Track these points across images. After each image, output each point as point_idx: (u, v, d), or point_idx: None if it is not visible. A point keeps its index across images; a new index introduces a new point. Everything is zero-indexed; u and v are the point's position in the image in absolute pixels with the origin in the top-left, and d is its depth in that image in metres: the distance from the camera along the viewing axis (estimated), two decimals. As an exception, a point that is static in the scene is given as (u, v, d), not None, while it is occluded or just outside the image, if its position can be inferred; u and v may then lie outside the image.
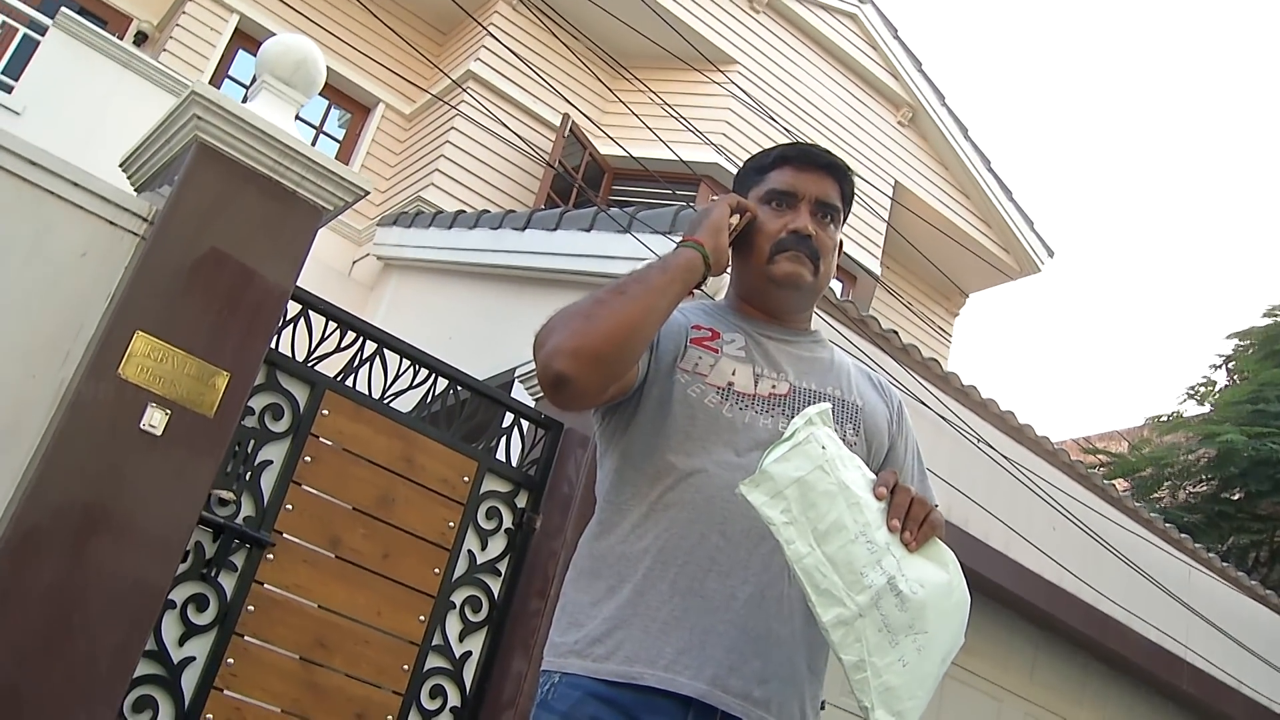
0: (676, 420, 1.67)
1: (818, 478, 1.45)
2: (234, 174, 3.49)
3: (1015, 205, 11.17)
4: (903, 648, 1.41)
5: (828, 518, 1.43)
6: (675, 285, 1.63)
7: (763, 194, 1.82)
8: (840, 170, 1.86)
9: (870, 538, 1.44)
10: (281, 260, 3.59)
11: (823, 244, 1.80)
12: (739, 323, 1.82)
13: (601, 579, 1.64)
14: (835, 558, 1.42)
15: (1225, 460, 10.04)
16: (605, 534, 1.68)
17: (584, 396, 1.59)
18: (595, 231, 5.68)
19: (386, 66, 8.85)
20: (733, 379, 1.71)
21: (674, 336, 1.73)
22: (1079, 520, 6.28)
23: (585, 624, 1.61)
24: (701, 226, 1.72)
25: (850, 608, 1.40)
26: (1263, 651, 7.07)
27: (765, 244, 1.78)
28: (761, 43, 9.97)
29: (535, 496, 4.38)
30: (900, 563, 1.44)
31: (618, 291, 1.59)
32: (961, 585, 1.50)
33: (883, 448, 1.81)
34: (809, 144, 1.90)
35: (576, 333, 1.54)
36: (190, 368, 3.32)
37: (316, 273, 6.56)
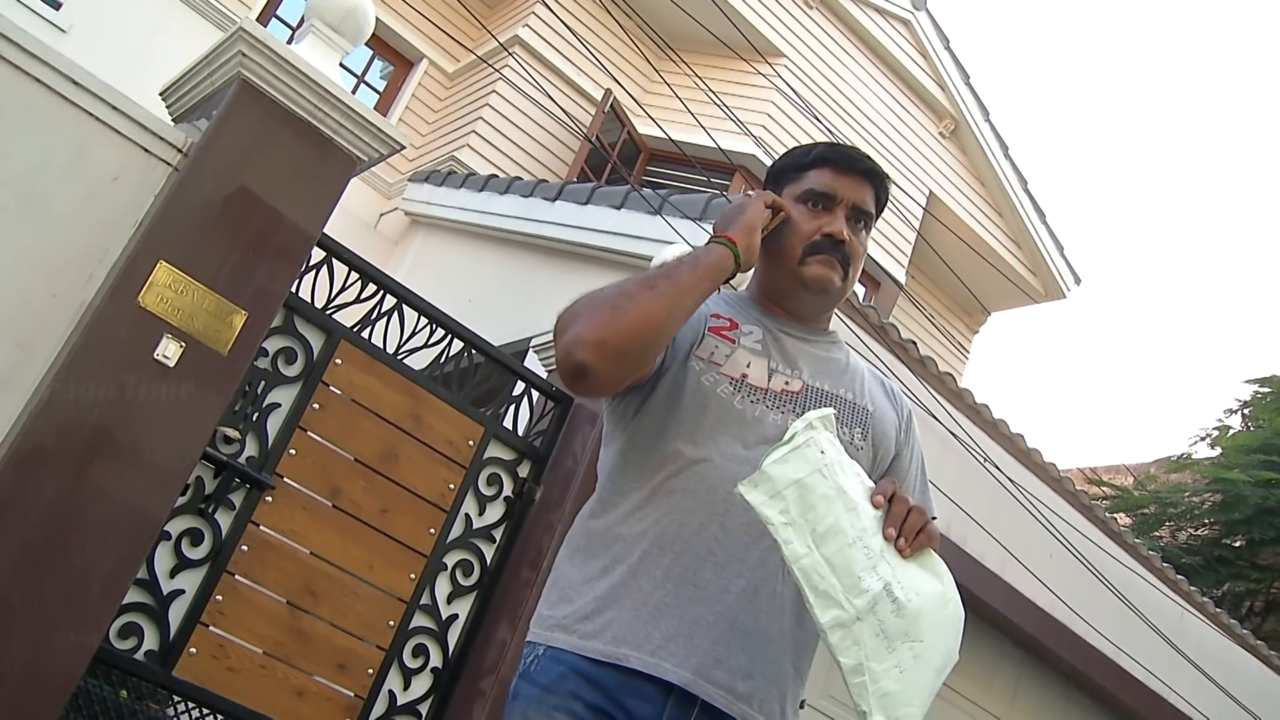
0: (687, 407, 1.67)
1: (816, 481, 1.46)
2: (272, 115, 3.48)
3: (1048, 228, 11.10)
4: (899, 654, 1.42)
5: (826, 520, 1.44)
6: (704, 284, 1.63)
7: (800, 193, 1.81)
8: (879, 177, 1.85)
9: (867, 544, 1.45)
10: (310, 206, 3.58)
11: (855, 250, 1.79)
12: (759, 316, 1.81)
13: (596, 557, 1.64)
14: (833, 560, 1.43)
15: (1230, 506, 10.01)
16: (604, 513, 1.68)
17: (602, 388, 1.60)
18: (626, 210, 5.67)
19: (434, 23, 8.82)
20: (747, 371, 1.71)
21: (693, 324, 1.73)
22: (1077, 550, 6.26)
23: (575, 600, 1.61)
24: (736, 223, 1.71)
25: (849, 610, 1.41)
26: (1248, 702, 7.04)
27: (798, 244, 1.78)
28: (811, 39, 9.91)
29: (538, 467, 4.39)
30: (896, 570, 1.45)
31: (646, 286, 1.59)
32: (956, 598, 1.51)
33: (889, 455, 1.81)
34: (850, 147, 1.89)
35: (602, 324, 1.54)
36: (209, 303, 3.33)
37: (343, 222, 6.56)
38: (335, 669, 3.85)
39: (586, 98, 8.95)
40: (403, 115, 9.04)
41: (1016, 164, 11.02)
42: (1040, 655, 6.38)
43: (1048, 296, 11.29)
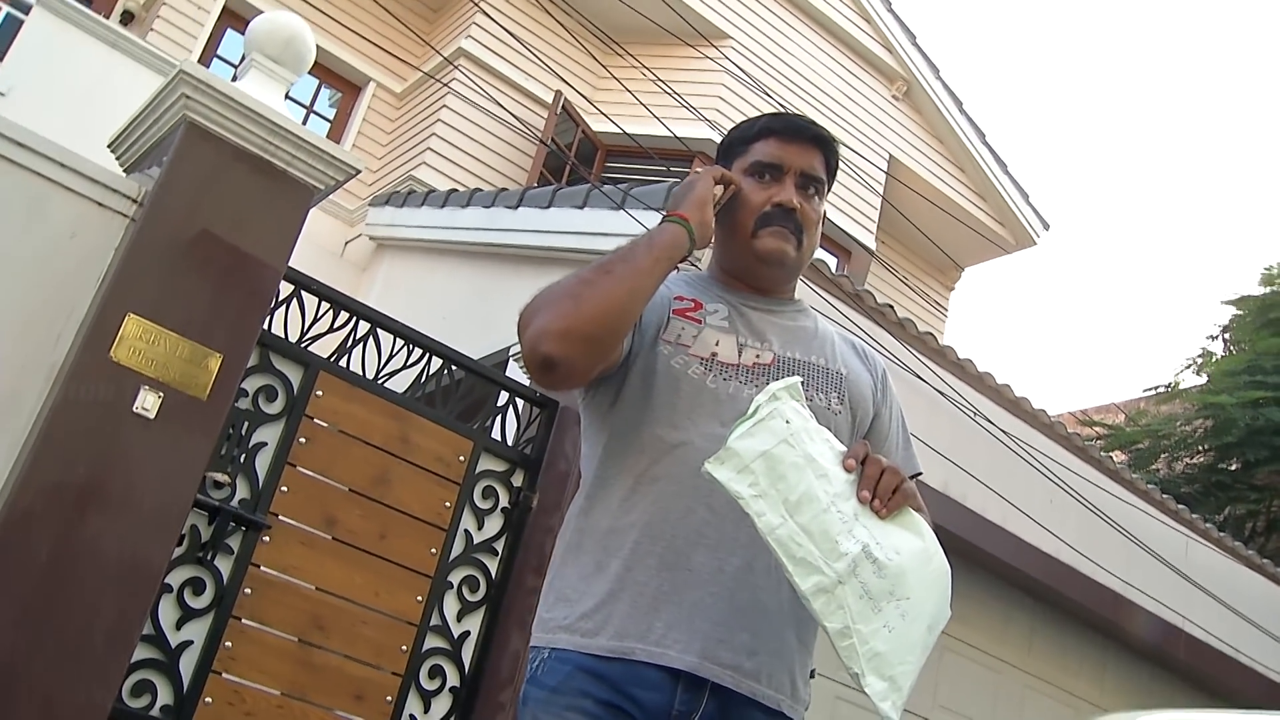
0: (660, 393, 1.67)
1: (783, 451, 1.45)
2: (223, 153, 3.47)
3: (1010, 178, 11.14)
4: (886, 614, 1.42)
5: (798, 489, 1.44)
6: (661, 264, 1.62)
7: (747, 165, 1.81)
8: (825, 142, 1.84)
9: (840, 508, 1.45)
10: (273, 240, 3.57)
11: (807, 217, 1.79)
12: (722, 293, 1.81)
13: (589, 554, 1.63)
14: (809, 527, 1.43)
15: (1222, 430, 10.07)
16: (592, 509, 1.67)
17: (572, 377, 1.60)
18: (589, 209, 5.66)
19: (377, 44, 8.79)
20: (716, 349, 1.71)
21: (656, 308, 1.72)
22: (1076, 493, 6.30)
23: (574, 600, 1.61)
24: (686, 201, 1.70)
25: (829, 575, 1.41)
26: (1260, 620, 7.10)
27: (749, 218, 1.77)
28: (755, 17, 9.92)
29: (531, 475, 4.38)
30: (873, 532, 1.46)
31: (604, 271, 1.58)
32: (939, 553, 1.52)
33: (868, 415, 1.81)
34: (795, 115, 1.89)
35: (564, 314, 1.54)
36: (182, 350, 3.31)
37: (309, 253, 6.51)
38: (353, 700, 3.83)
39: (538, 101, 8.93)
40: (356, 140, 9.02)
41: (973, 118, 11.05)
42: (1051, 601, 6.40)
43: (1018, 245, 11.33)
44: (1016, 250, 11.37)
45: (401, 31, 8.68)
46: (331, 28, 8.44)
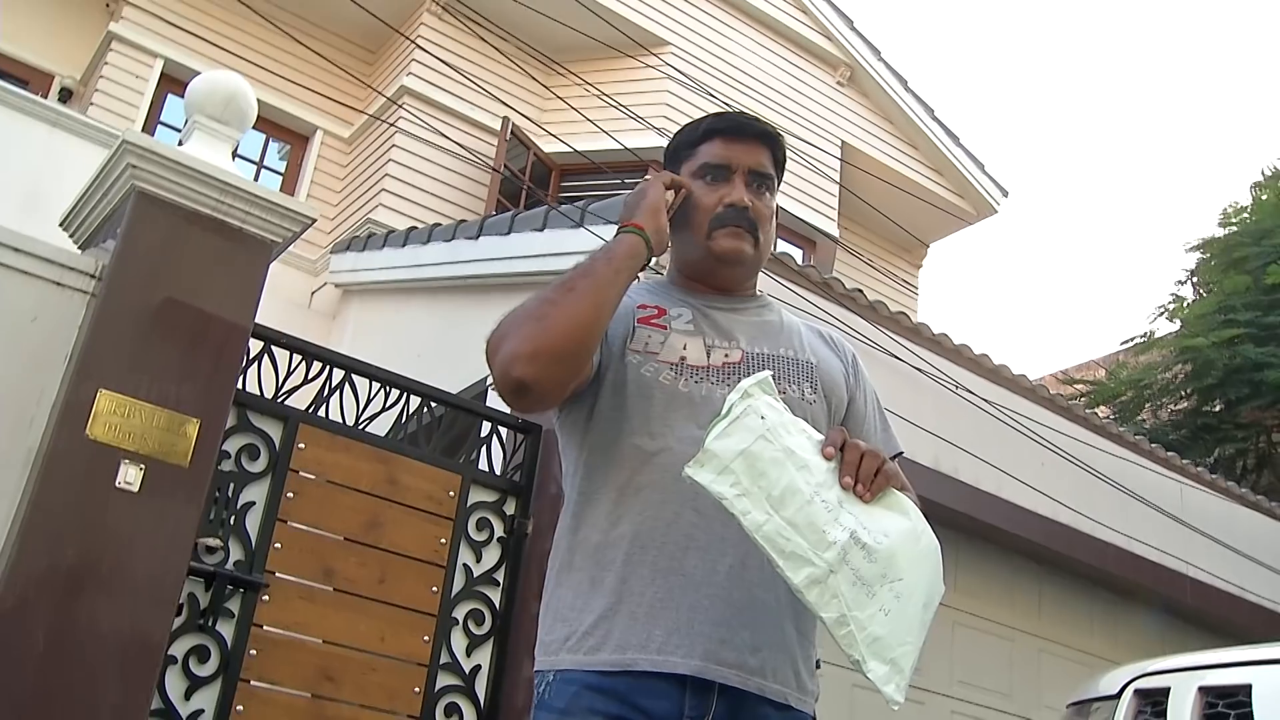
0: (634, 402, 1.67)
1: (762, 447, 1.45)
2: (177, 218, 3.46)
3: (964, 150, 11.21)
4: (881, 597, 1.42)
5: (780, 483, 1.44)
6: (622, 275, 1.62)
7: (695, 168, 1.81)
8: (771, 137, 1.85)
9: (824, 497, 1.45)
10: (237, 299, 3.56)
11: (760, 214, 1.79)
12: (684, 297, 1.81)
13: (582, 571, 1.63)
14: (795, 520, 1.43)
15: (1201, 373, 10.14)
16: (579, 526, 1.67)
17: (546, 398, 1.60)
18: (549, 230, 5.67)
19: (319, 93, 8.79)
20: (684, 353, 1.71)
21: (621, 319, 1.72)
22: (1066, 453, 6.34)
23: (572, 619, 1.61)
24: (639, 209, 1.70)
25: (820, 565, 1.41)
26: (1261, 556, 7.15)
27: (703, 219, 1.77)
28: (691, 20, 9.96)
29: (523, 501, 4.37)
30: (859, 517, 1.45)
31: (566, 289, 1.58)
32: (927, 530, 1.52)
33: (843, 402, 1.81)
34: (737, 113, 1.90)
35: (531, 335, 1.54)
36: (159, 419, 3.29)
37: (276, 308, 6.50)
38: (372, 748, 3.81)
39: (486, 130, 8.94)
40: (310, 189, 9.00)
41: (919, 95, 11.12)
42: (1055, 562, 6.43)
43: (980, 215, 11.40)
44: (979, 220, 11.44)
45: (342, 76, 8.68)
46: (271, 81, 8.43)
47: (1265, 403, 9.86)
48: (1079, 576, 6.59)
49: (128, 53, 8.50)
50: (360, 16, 7.88)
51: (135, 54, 8.53)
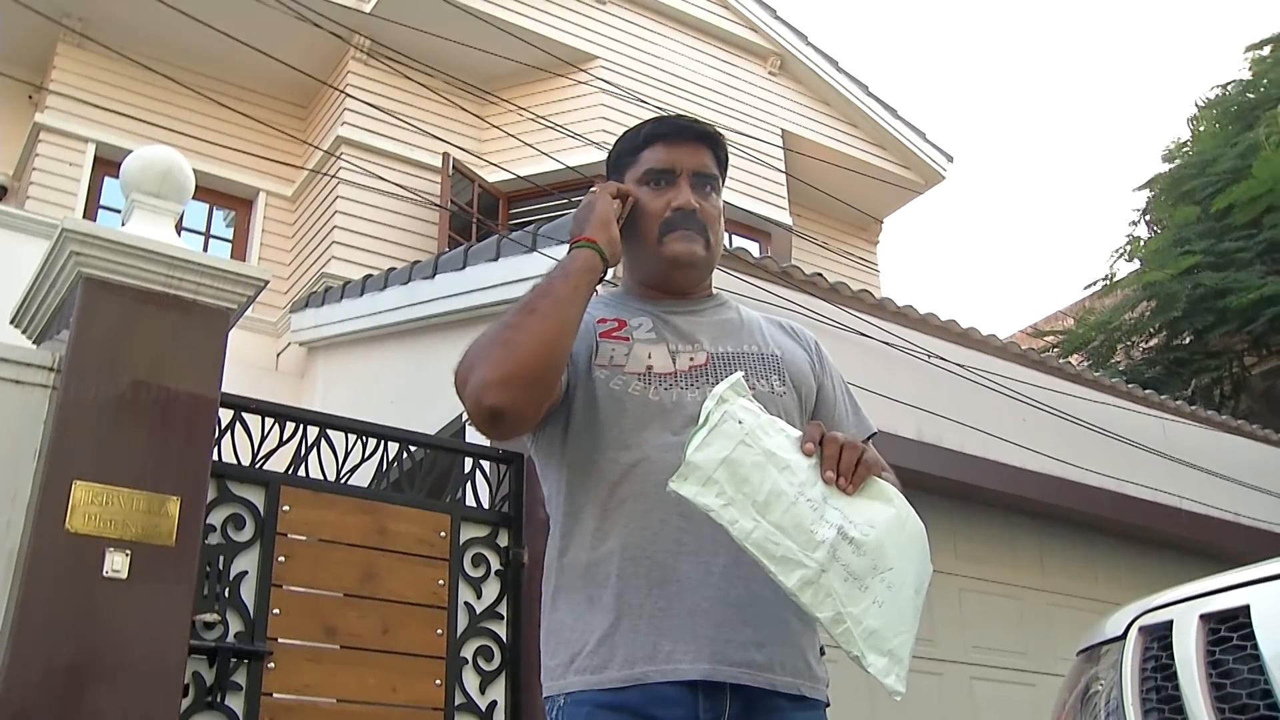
0: (607, 417, 1.67)
1: (742, 453, 1.46)
2: (129, 299, 3.44)
3: (904, 122, 11.28)
4: (873, 590, 1.43)
5: (764, 488, 1.45)
6: (581, 290, 1.63)
7: (639, 175, 1.82)
8: (711, 137, 1.85)
9: (809, 496, 1.46)
10: (200, 371, 3.54)
11: (708, 214, 1.80)
12: (642, 306, 1.82)
13: (578, 593, 1.63)
14: (782, 523, 1.43)
15: (1166, 307, 10.24)
16: (568, 548, 1.67)
17: (521, 423, 1.60)
18: (503, 259, 5.67)
19: (256, 155, 8.75)
20: (650, 362, 1.72)
21: (583, 336, 1.72)
22: (1046, 406, 6.38)
23: (574, 640, 1.60)
24: (589, 222, 1.71)
25: (811, 566, 1.42)
26: (1249, 479, 7.22)
27: (652, 226, 1.78)
28: (616, 32, 9.99)
29: (515, 531, 4.37)
30: (844, 511, 1.46)
31: (527, 311, 1.58)
32: (911, 515, 1.53)
33: (812, 390, 1.82)
34: (675, 116, 1.90)
35: (498, 362, 1.54)
36: (138, 502, 3.27)
37: (243, 374, 6.47)
38: (399, 800, 3.79)
39: (427, 168, 8.92)
40: (260, 252, 8.96)
41: (852, 74, 11.18)
42: (1050, 515, 6.48)
43: (928, 184, 11.47)
44: (928, 189, 11.51)
45: (277, 135, 8.66)
46: (207, 150, 8.38)
47: (1232, 328, 9.97)
48: (1077, 526, 6.64)
49: (58, 141, 8.45)
50: (287, 73, 7.88)
51: (65, 141, 8.47)
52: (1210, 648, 1.62)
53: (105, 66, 8.35)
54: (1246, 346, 10.47)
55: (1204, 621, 1.66)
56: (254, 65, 7.99)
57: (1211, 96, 11.63)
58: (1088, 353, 11.07)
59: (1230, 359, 10.50)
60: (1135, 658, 1.78)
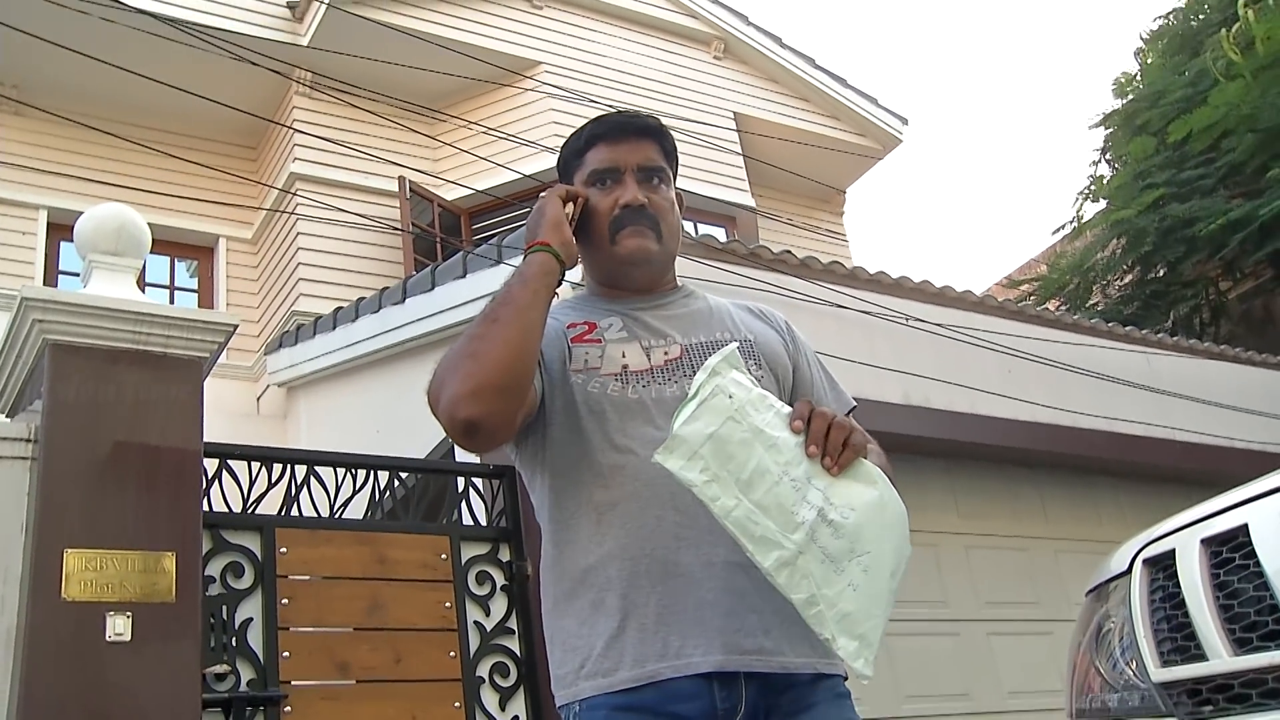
0: (589, 421, 1.68)
1: (730, 429, 1.46)
2: (98, 360, 3.42)
3: (854, 90, 11.30)
4: (849, 573, 1.43)
5: (749, 466, 1.45)
6: (541, 294, 1.63)
7: (586, 176, 1.82)
8: (654, 129, 1.85)
9: (792, 475, 1.46)
10: (180, 424, 3.53)
11: (658, 207, 1.79)
12: (609, 306, 1.82)
13: (580, 598, 1.62)
14: (764, 503, 1.44)
15: (1136, 242, 10.30)
16: (563, 555, 1.67)
17: (498, 433, 1.59)
18: (471, 275, 5.67)
19: (211, 201, 8.70)
20: (625, 361, 1.72)
21: (554, 343, 1.73)
22: (1030, 354, 6.41)
23: (582, 646, 1.60)
24: (541, 226, 1.71)
25: (789, 547, 1.42)
26: (1238, 403, 7.27)
27: (603, 226, 1.78)
28: (557, 35, 9.98)
29: (516, 545, 4.36)
30: (826, 492, 1.46)
31: (490, 320, 1.59)
32: (894, 499, 1.52)
33: (788, 370, 1.82)
34: (616, 114, 1.90)
35: (469, 374, 1.54)
36: (134, 563, 3.25)
37: (226, 422, 6.44)
38: (432, 827, 3.78)
39: (384, 194, 8.89)
40: (228, 298, 8.92)
41: (797, 49, 11.20)
42: (1047, 463, 6.51)
43: (886, 149, 11.50)
44: (886, 154, 11.54)
45: (230, 180, 8.62)
46: (161, 202, 8.33)
47: (1204, 256, 10.03)
48: (1074, 470, 6.67)
49: (8, 211, 8.38)
50: (232, 116, 7.83)
51: (16, 211, 8.40)
52: (1214, 571, 1.64)
53: (47, 131, 8.28)
54: (1220, 272, 10.54)
55: (1205, 546, 1.67)
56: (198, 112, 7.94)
57: (1155, 28, 11.70)
58: (1064, 297, 11.13)
59: (1206, 286, 10.57)
60: (1143, 590, 1.79)
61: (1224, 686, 1.54)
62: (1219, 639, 1.56)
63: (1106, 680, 1.84)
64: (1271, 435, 7.25)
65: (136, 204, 4.15)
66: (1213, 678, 1.56)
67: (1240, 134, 9.46)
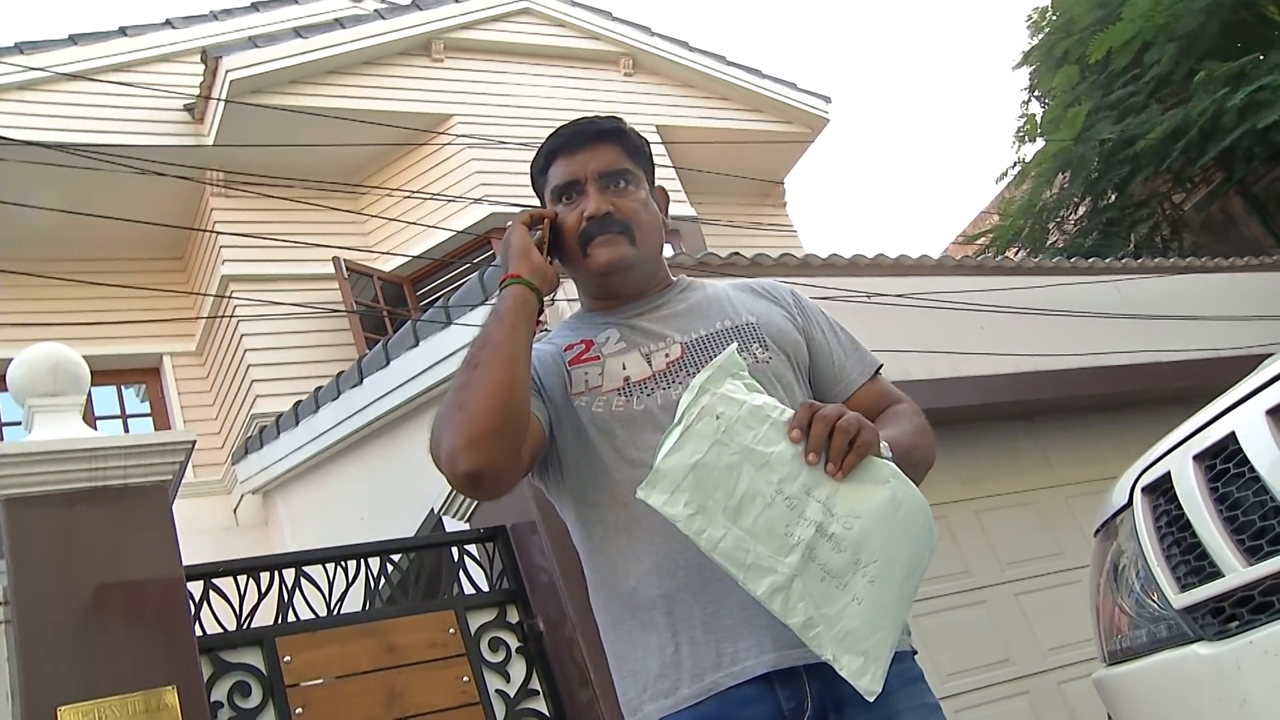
0: (598, 441, 1.68)
1: (716, 455, 1.43)
2: (57, 507, 3.38)
3: (771, 79, 11.41)
4: (853, 587, 1.40)
5: (737, 491, 1.42)
6: (519, 328, 1.63)
7: (550, 194, 1.82)
8: (610, 131, 1.84)
9: (788, 493, 1.41)
10: (156, 553, 3.49)
11: (627, 210, 1.78)
12: (604, 319, 1.82)
13: (630, 621, 1.64)
14: (755, 529, 1.41)
15: (1079, 171, 10.41)
16: (605, 579, 1.68)
17: (504, 476, 1.59)
18: (424, 342, 5.67)
19: (148, 321, 8.65)
20: (626, 373, 1.72)
21: (553, 369, 1.74)
22: (998, 307, 6.46)
23: (641, 670, 1.62)
24: (510, 258, 1.72)
25: (782, 573, 1.39)
26: (1214, 312, 7.34)
27: (574, 242, 1.77)
28: (463, 84, 10.00)
29: (523, 603, 4.33)
30: (828, 502, 1.42)
31: (472, 366, 1.59)
32: (908, 494, 1.46)
33: (799, 345, 1.81)
34: (567, 125, 1.87)
35: (461, 425, 1.54)
36: (133, 705, 3.20)
37: (207, 541, 6.40)
38: None
39: (320, 278, 8.86)
40: (183, 414, 8.86)
41: (706, 50, 11.30)
42: (1039, 411, 6.54)
43: (815, 132, 11.60)
44: (817, 136, 11.64)
45: (162, 295, 8.58)
46: (96, 332, 8.26)
47: (1150, 172, 10.16)
48: (1068, 413, 6.70)
49: (-57, 374, 8.30)
50: (152, 232, 7.83)
51: (-50, 371, 8.32)
52: (1212, 485, 1.65)
53: (-36, 283, 8.22)
54: (1170, 185, 10.67)
55: (1198, 462, 1.69)
56: (116, 234, 7.93)
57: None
58: (1022, 242, 11.24)
59: (1159, 203, 10.70)
60: (1147, 519, 1.80)
61: (1245, 599, 1.55)
62: (1230, 552, 1.57)
63: (1132, 617, 1.84)
64: (1255, 338, 7.31)
65: (71, 339, 4.12)
66: (1232, 592, 1.57)
67: (1160, 45, 9.60)
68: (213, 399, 9.06)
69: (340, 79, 9.28)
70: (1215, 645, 1.59)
